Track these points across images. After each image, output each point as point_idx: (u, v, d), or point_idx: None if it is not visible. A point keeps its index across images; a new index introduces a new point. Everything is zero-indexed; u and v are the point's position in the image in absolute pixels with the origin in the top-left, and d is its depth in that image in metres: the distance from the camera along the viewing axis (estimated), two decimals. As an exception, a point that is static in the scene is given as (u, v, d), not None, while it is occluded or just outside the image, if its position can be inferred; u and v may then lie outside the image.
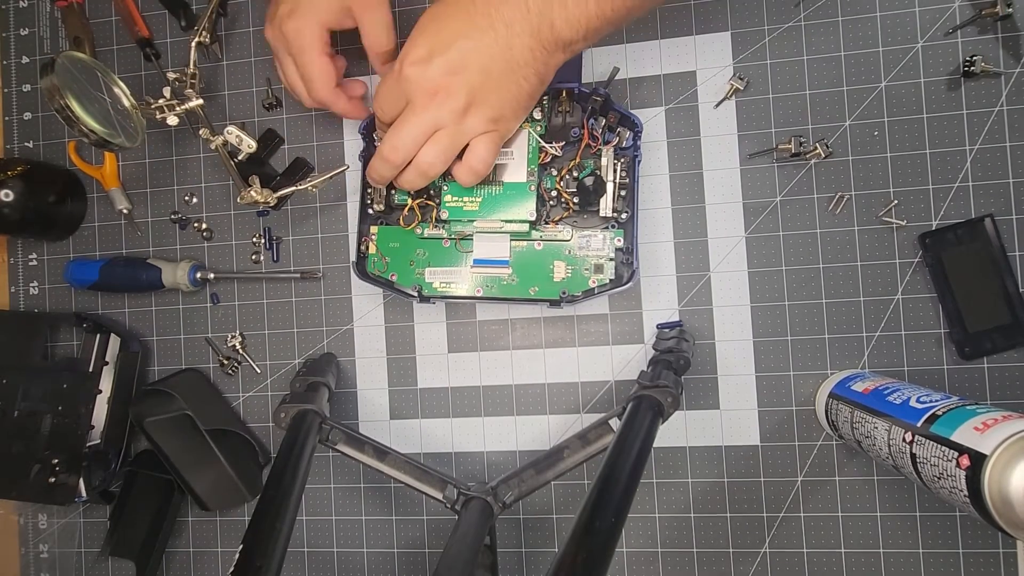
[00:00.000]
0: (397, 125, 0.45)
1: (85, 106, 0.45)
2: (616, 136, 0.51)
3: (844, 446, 0.50)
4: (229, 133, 0.49)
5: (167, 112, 0.49)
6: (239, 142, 0.50)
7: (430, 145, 0.45)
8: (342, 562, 0.56)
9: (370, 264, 0.54)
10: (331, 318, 0.57)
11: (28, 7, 0.63)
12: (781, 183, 0.52)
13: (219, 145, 0.49)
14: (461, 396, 0.55)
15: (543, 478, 0.47)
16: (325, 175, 0.52)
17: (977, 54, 0.49)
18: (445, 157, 0.46)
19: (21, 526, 0.61)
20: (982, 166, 0.49)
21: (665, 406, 0.44)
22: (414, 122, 0.44)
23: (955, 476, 0.34)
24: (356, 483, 0.57)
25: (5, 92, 0.63)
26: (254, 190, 0.50)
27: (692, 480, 0.52)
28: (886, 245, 0.50)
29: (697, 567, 0.52)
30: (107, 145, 0.46)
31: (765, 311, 0.52)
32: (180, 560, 0.59)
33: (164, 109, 0.49)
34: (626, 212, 0.51)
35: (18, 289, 0.62)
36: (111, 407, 0.56)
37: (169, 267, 0.57)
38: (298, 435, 0.47)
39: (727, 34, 0.53)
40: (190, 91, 0.50)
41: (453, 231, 0.52)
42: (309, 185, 0.52)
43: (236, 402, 0.59)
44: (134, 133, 0.49)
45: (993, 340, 0.48)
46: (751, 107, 0.52)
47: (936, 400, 0.39)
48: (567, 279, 0.51)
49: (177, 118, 0.49)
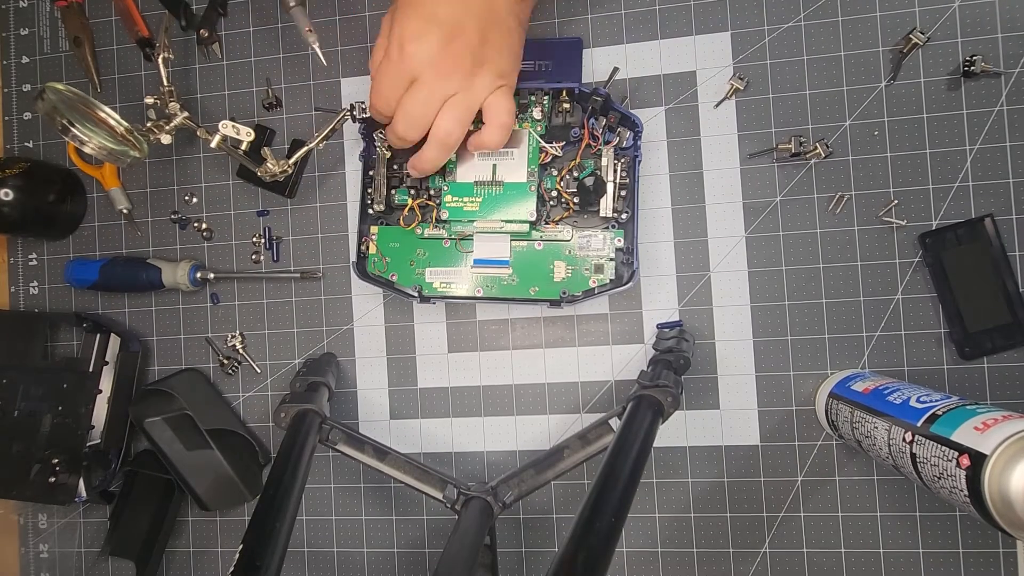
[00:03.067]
0: (407, 101, 0.44)
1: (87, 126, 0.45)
2: (616, 136, 0.51)
3: (844, 446, 0.50)
4: (225, 127, 0.49)
5: (159, 132, 0.49)
6: (237, 133, 0.50)
7: (445, 112, 0.44)
8: (342, 562, 0.56)
9: (370, 264, 0.54)
10: (331, 318, 0.57)
11: (28, 7, 0.63)
12: (781, 183, 0.52)
13: (219, 142, 0.50)
14: (461, 396, 0.55)
15: (543, 478, 0.47)
16: (327, 128, 0.52)
17: (977, 54, 0.49)
18: (462, 123, 0.45)
19: (21, 526, 0.61)
20: (982, 166, 0.49)
21: (665, 406, 0.44)
22: (425, 93, 0.44)
23: (955, 476, 0.34)
24: (356, 483, 0.57)
25: (5, 92, 0.63)
26: (270, 162, 0.51)
27: (692, 480, 0.52)
28: (886, 245, 0.50)
29: (697, 567, 0.52)
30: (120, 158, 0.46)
31: (765, 311, 0.52)
32: (180, 560, 0.59)
33: (154, 131, 0.49)
34: (626, 212, 0.51)
35: (18, 289, 0.62)
36: (111, 407, 0.56)
37: (169, 267, 0.57)
38: (298, 435, 0.47)
39: (727, 34, 0.53)
40: (173, 105, 0.50)
41: (453, 231, 0.52)
42: (317, 141, 0.52)
43: (236, 402, 0.59)
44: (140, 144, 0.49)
45: (993, 340, 0.48)
46: (751, 107, 0.52)
47: (936, 400, 0.39)
48: (567, 279, 0.51)
49: (169, 136, 0.49)
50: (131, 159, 0.47)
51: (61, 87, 0.46)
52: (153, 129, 0.49)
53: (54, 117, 0.44)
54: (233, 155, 0.51)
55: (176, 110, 0.49)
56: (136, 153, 0.47)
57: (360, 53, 0.57)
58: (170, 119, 0.49)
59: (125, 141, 0.47)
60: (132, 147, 0.47)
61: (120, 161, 0.47)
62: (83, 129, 0.44)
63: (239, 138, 0.49)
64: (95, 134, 0.45)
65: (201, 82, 0.60)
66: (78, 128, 0.44)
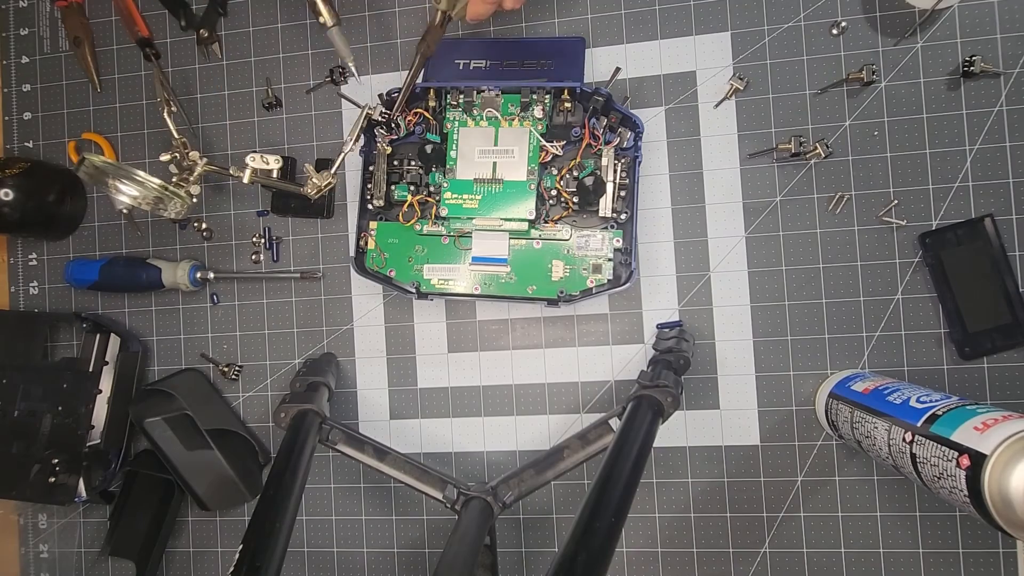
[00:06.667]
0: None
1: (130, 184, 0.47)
2: (617, 136, 0.51)
3: (844, 446, 0.50)
4: (253, 160, 0.51)
5: (187, 185, 0.50)
6: (266, 163, 0.51)
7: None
8: (342, 562, 0.56)
9: (368, 259, 0.54)
10: (331, 318, 0.57)
11: (28, 7, 0.63)
12: (781, 183, 0.52)
13: (251, 176, 0.51)
14: (461, 396, 0.55)
15: (543, 478, 0.47)
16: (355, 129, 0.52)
17: (976, 54, 0.49)
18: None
19: (21, 526, 0.61)
20: (982, 166, 0.49)
21: (665, 406, 0.44)
22: None
23: (955, 476, 0.34)
24: (356, 483, 0.57)
25: (5, 92, 0.63)
26: (314, 177, 0.51)
27: (692, 480, 0.52)
28: (886, 245, 0.50)
29: (697, 567, 0.52)
30: (168, 208, 0.49)
31: (765, 311, 0.52)
32: (180, 560, 0.59)
33: (182, 184, 0.50)
34: (625, 212, 0.51)
35: (18, 289, 0.62)
36: (111, 407, 0.56)
37: (169, 267, 0.57)
38: (298, 435, 0.47)
39: (727, 34, 0.53)
40: (193, 154, 0.51)
41: (452, 228, 0.52)
42: (350, 144, 0.52)
43: (236, 402, 0.59)
44: (178, 194, 0.50)
45: (993, 340, 0.48)
46: (751, 107, 0.52)
47: (936, 400, 0.39)
48: (565, 278, 0.51)
49: (197, 186, 0.51)
50: (179, 209, 0.49)
51: (96, 159, 0.48)
52: (180, 184, 0.50)
53: (100, 180, 0.46)
54: (269, 184, 0.51)
55: (196, 159, 0.51)
56: (180, 203, 0.49)
57: (360, 53, 0.57)
58: (192, 169, 0.50)
59: (164, 194, 0.49)
60: (175, 196, 0.49)
61: (167, 210, 0.48)
62: (130, 184, 0.46)
63: (268, 167, 0.50)
64: (141, 187, 0.47)
65: (201, 82, 0.60)
66: (125, 184, 0.46)
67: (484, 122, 0.52)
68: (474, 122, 0.53)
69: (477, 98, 0.52)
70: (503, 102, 0.52)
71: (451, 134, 0.53)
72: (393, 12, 0.57)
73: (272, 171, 0.51)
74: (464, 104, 0.52)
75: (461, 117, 0.53)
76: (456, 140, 0.53)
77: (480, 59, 0.54)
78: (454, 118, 0.53)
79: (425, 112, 0.53)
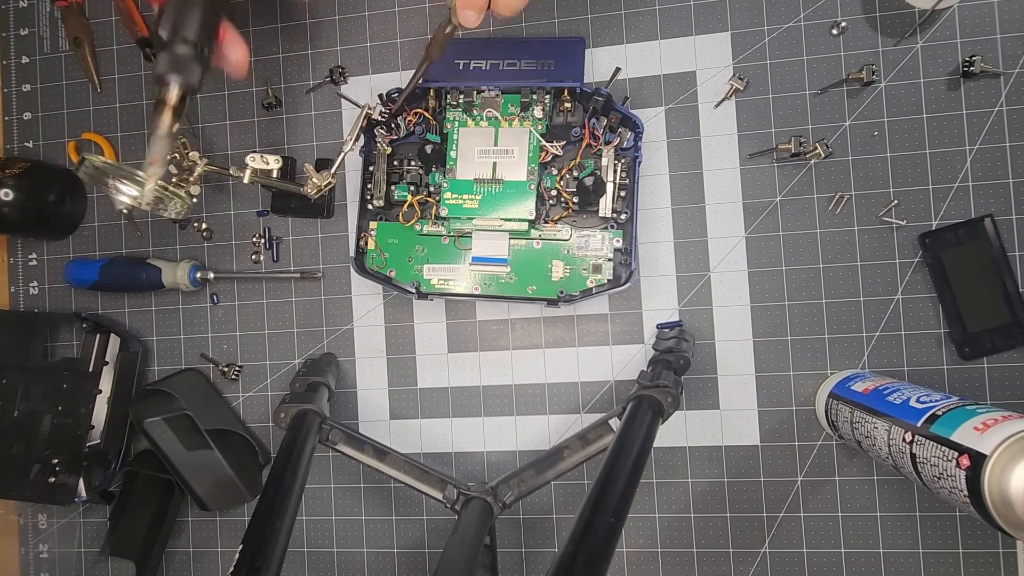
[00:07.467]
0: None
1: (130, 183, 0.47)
2: (617, 136, 0.51)
3: (844, 446, 0.50)
4: (253, 160, 0.51)
5: (187, 186, 0.50)
6: (266, 163, 0.51)
7: None
8: (342, 562, 0.56)
9: (368, 259, 0.54)
10: (331, 318, 0.57)
11: (28, 7, 0.63)
12: (781, 183, 0.52)
13: (251, 176, 0.51)
14: (461, 396, 0.55)
15: (543, 478, 0.47)
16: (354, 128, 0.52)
17: (976, 54, 0.49)
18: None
19: (21, 526, 0.61)
20: (982, 166, 0.49)
21: (665, 406, 0.44)
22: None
23: (955, 476, 0.34)
24: (356, 483, 0.57)
25: (5, 92, 0.63)
26: (314, 177, 0.51)
27: (692, 480, 0.52)
28: (886, 245, 0.50)
29: (697, 567, 0.52)
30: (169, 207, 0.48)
31: (765, 311, 0.52)
32: (180, 560, 0.59)
33: (182, 185, 0.50)
34: (625, 213, 0.51)
35: (18, 289, 0.62)
36: (111, 407, 0.56)
37: (169, 267, 0.57)
38: (298, 435, 0.47)
39: (727, 34, 0.53)
40: (193, 154, 0.51)
41: (452, 228, 0.52)
42: (350, 144, 0.52)
43: (236, 402, 0.59)
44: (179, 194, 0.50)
45: (993, 340, 0.48)
46: (751, 107, 0.52)
47: (936, 400, 0.39)
48: (565, 278, 0.51)
49: (198, 186, 0.51)
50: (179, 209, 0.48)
51: (96, 159, 0.48)
52: (180, 184, 0.50)
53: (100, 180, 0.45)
54: (269, 184, 0.51)
55: (196, 159, 0.51)
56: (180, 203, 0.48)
57: (360, 53, 0.57)
58: (192, 169, 0.50)
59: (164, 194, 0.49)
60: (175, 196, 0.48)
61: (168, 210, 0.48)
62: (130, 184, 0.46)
63: (268, 167, 0.50)
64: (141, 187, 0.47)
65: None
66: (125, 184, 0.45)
67: (484, 122, 0.52)
68: (474, 122, 0.53)
69: (477, 98, 0.52)
70: (503, 102, 0.52)
71: (451, 134, 0.53)
72: (393, 12, 0.57)
73: (272, 171, 0.51)
74: (464, 104, 0.52)
75: (461, 117, 0.53)
76: (456, 140, 0.53)
77: (480, 59, 0.54)
78: (454, 118, 0.53)
79: (425, 112, 0.53)
